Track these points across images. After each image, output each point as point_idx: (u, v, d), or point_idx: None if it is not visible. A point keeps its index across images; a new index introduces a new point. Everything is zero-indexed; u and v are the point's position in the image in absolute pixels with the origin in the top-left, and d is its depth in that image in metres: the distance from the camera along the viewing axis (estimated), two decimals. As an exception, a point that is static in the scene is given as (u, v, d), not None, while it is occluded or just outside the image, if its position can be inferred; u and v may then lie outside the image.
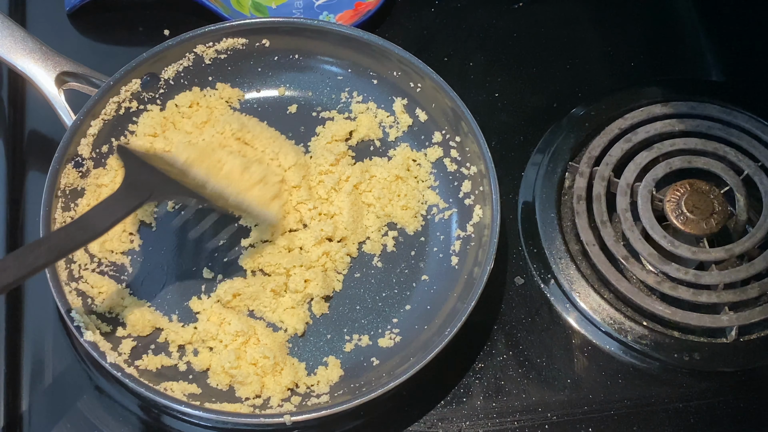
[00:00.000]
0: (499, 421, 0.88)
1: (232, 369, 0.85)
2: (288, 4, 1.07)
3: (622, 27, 1.10)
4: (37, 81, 0.93)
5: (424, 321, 0.89)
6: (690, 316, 0.90)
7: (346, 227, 0.91)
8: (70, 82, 0.94)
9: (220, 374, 0.85)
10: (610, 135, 0.99)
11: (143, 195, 0.82)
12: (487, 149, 0.91)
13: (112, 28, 1.06)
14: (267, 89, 0.99)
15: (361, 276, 0.92)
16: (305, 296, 0.89)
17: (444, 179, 0.95)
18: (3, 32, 0.93)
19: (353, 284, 0.92)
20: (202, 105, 0.96)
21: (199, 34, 0.95)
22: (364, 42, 0.96)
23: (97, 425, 0.87)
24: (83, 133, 0.91)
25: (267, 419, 0.82)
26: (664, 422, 0.88)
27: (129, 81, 0.94)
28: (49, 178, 0.88)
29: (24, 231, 0.94)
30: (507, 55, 1.07)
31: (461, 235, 0.92)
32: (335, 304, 0.91)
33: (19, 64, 0.93)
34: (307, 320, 0.89)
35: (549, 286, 0.94)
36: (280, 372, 0.85)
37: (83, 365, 0.88)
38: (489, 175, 0.90)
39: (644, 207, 0.94)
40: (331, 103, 0.99)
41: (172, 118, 0.96)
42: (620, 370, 0.90)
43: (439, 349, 0.83)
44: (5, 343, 0.89)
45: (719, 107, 1.00)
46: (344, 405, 0.82)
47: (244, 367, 0.85)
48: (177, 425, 0.87)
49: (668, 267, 0.92)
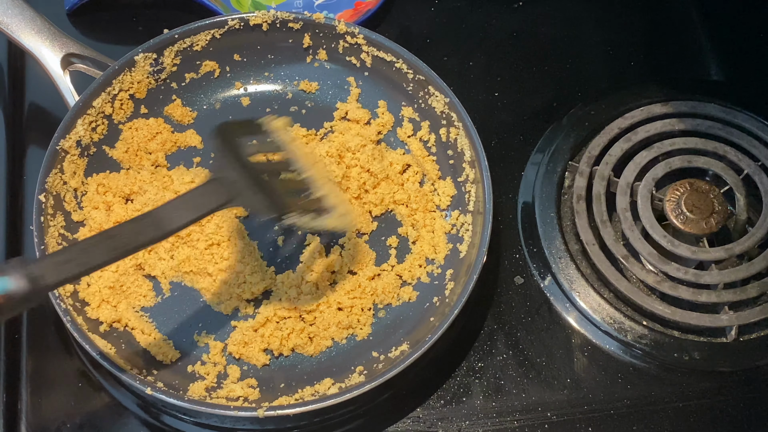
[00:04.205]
0: (499, 420, 0.88)
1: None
2: (288, 3, 1.07)
3: (622, 27, 1.10)
4: (43, 60, 0.94)
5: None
6: (690, 315, 0.90)
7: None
8: (76, 64, 0.95)
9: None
10: (610, 134, 0.99)
11: (224, 198, 0.78)
12: (484, 156, 0.91)
13: (112, 27, 1.06)
14: (268, 83, 1.00)
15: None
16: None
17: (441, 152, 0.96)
18: (13, 10, 0.94)
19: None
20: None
21: (207, 24, 0.96)
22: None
23: (97, 425, 0.87)
24: (84, 113, 0.92)
25: (242, 412, 0.81)
26: (664, 422, 0.88)
27: (134, 65, 0.94)
28: (47, 156, 0.89)
29: (23, 211, 0.95)
30: (507, 55, 1.07)
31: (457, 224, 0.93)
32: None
33: (27, 42, 0.94)
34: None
35: (549, 285, 0.94)
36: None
37: (83, 365, 0.89)
38: (483, 179, 0.90)
39: (644, 206, 0.94)
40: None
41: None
42: (620, 369, 0.90)
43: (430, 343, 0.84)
44: (5, 343, 0.89)
45: (719, 107, 1.00)
46: (333, 399, 0.82)
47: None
48: (177, 425, 0.87)
49: (668, 266, 0.92)
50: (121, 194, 0.92)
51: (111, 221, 0.90)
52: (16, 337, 0.90)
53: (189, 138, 0.97)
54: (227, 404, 0.82)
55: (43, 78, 0.95)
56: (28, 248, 0.93)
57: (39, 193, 0.87)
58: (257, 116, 0.98)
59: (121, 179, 0.93)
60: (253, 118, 0.86)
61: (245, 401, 0.84)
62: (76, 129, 0.91)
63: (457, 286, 0.88)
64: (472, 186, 0.92)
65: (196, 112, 0.99)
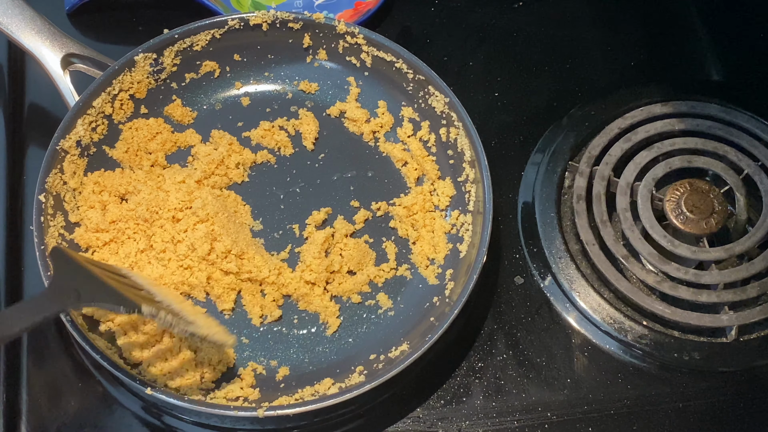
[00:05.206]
0: (499, 420, 0.88)
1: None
2: (288, 3, 1.07)
3: (622, 27, 1.10)
4: (43, 60, 0.94)
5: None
6: (690, 315, 0.90)
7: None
8: (76, 64, 0.95)
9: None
10: (610, 134, 0.99)
11: (66, 301, 0.76)
12: (484, 156, 0.91)
13: (112, 27, 1.06)
14: (268, 83, 1.00)
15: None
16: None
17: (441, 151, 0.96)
18: (13, 10, 0.94)
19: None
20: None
21: (207, 24, 0.96)
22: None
23: (97, 425, 0.87)
24: (84, 113, 0.92)
25: (242, 412, 0.81)
26: (664, 422, 0.88)
27: (134, 65, 0.94)
28: (47, 156, 0.89)
29: (23, 211, 0.95)
30: (507, 54, 1.07)
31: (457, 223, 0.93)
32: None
33: (27, 42, 0.94)
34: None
35: (549, 285, 0.94)
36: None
37: (82, 365, 0.89)
38: (483, 179, 0.90)
39: (644, 206, 0.94)
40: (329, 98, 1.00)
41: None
42: (620, 369, 0.90)
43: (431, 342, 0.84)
44: (5, 344, 0.89)
45: (719, 107, 1.01)
46: (333, 399, 0.82)
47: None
48: (178, 425, 0.87)
49: (668, 266, 0.92)
50: (116, 193, 0.92)
51: (107, 221, 0.90)
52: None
53: (189, 138, 0.97)
54: (227, 404, 0.82)
55: (43, 78, 0.95)
56: (28, 248, 0.93)
57: (39, 193, 0.87)
58: (257, 116, 0.98)
59: (116, 177, 0.93)
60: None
61: (245, 401, 0.84)
62: (76, 129, 0.91)
63: (457, 286, 0.88)
64: (472, 186, 0.92)
65: (196, 112, 0.99)
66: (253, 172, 0.97)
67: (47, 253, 0.84)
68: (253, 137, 0.98)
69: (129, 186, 0.92)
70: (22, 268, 0.93)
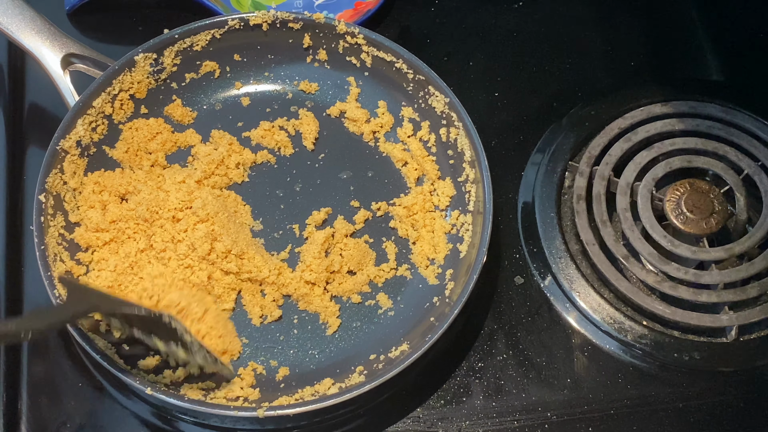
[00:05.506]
0: (499, 420, 0.88)
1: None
2: (288, 3, 1.07)
3: (622, 27, 1.10)
4: (43, 60, 0.94)
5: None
6: (690, 315, 0.90)
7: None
8: (76, 64, 0.95)
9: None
10: (610, 134, 0.99)
11: (86, 306, 0.79)
12: (484, 156, 0.91)
13: (111, 28, 1.06)
14: (268, 83, 1.00)
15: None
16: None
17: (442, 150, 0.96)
18: (13, 10, 0.94)
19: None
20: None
21: (207, 24, 0.96)
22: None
23: (97, 425, 0.87)
24: (84, 113, 0.92)
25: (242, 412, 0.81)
26: (663, 422, 0.88)
27: (134, 65, 0.94)
28: (47, 156, 0.89)
29: (23, 211, 0.95)
30: (507, 54, 1.07)
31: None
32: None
33: (27, 42, 0.94)
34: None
35: (549, 285, 0.94)
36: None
37: (83, 365, 0.88)
38: (483, 179, 0.90)
39: (644, 206, 0.94)
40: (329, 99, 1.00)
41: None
42: (620, 369, 0.90)
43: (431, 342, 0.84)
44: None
45: (719, 107, 1.01)
46: (333, 399, 0.82)
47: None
48: (178, 425, 0.87)
49: (668, 266, 0.92)
50: (116, 193, 0.92)
51: (107, 221, 0.90)
52: (16, 337, 0.90)
53: (189, 138, 0.97)
54: (227, 404, 0.82)
55: (43, 78, 0.95)
56: (28, 248, 0.93)
57: (39, 193, 0.87)
58: (257, 116, 0.99)
59: (116, 177, 0.93)
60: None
61: (245, 401, 0.84)
62: (76, 129, 0.91)
63: (457, 286, 0.88)
64: (472, 186, 0.92)
65: (196, 112, 0.99)
66: (253, 172, 0.97)
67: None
68: (253, 137, 0.98)
69: (129, 186, 0.92)
70: (22, 268, 0.93)
